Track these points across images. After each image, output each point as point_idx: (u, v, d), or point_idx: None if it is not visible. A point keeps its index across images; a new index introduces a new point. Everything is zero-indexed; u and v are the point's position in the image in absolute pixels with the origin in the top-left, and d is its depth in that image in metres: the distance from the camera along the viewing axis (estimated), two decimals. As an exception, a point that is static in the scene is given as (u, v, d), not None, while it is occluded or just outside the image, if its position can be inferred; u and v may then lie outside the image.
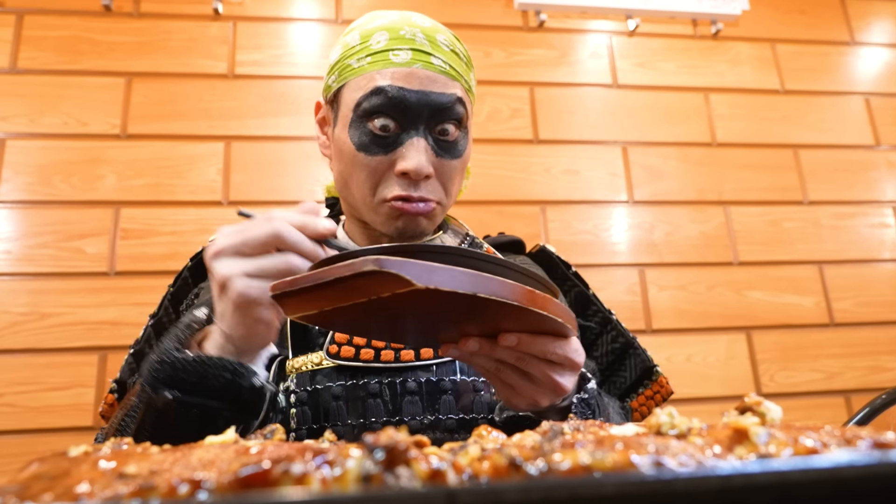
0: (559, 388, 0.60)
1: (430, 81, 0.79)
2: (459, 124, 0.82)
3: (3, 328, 1.44)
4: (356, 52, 0.82)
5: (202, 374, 0.60)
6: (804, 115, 1.91)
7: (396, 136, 0.79)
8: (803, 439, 0.28)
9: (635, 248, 1.72)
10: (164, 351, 0.62)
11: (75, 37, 1.66)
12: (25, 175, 1.54)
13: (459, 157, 0.83)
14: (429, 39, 0.81)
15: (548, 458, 0.27)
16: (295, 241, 0.59)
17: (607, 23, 1.91)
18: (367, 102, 0.79)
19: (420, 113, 0.78)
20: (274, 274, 0.58)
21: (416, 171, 0.77)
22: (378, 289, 0.45)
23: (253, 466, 0.25)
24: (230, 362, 0.61)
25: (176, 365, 0.60)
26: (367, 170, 0.80)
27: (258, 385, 0.62)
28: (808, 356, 1.69)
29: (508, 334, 0.56)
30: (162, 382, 0.61)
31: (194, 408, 0.61)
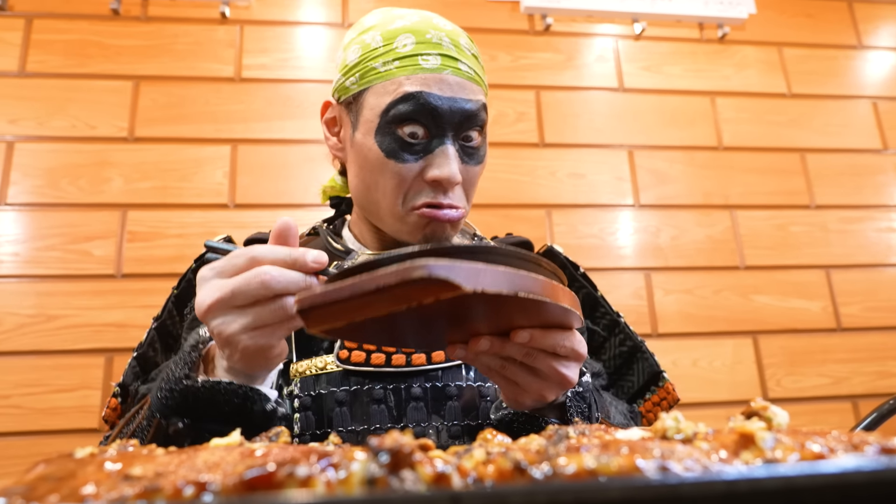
0: (565, 380, 0.59)
1: (459, 88, 0.78)
2: (481, 130, 0.81)
3: (11, 330, 1.44)
4: (380, 54, 0.80)
5: (212, 401, 0.59)
6: (811, 118, 1.90)
7: (427, 142, 0.77)
8: (810, 444, 0.28)
9: (641, 251, 1.72)
10: (173, 379, 0.61)
11: (83, 40, 1.67)
12: (33, 178, 1.55)
13: (481, 163, 0.82)
14: (454, 44, 0.80)
15: (553, 461, 0.27)
16: (286, 285, 0.56)
17: (613, 26, 1.91)
18: (397, 108, 0.76)
19: (451, 120, 0.77)
20: (271, 322, 0.57)
21: (448, 178, 0.76)
22: (421, 295, 0.42)
23: (258, 469, 0.25)
24: (240, 387, 0.60)
25: (186, 393, 0.60)
26: (398, 178, 0.77)
27: (270, 409, 0.62)
28: (816, 361, 1.69)
29: (522, 331, 0.55)
30: (171, 410, 0.60)
31: (206, 433, 0.60)
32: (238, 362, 0.60)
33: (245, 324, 0.56)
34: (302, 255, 0.57)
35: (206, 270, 0.58)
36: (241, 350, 0.57)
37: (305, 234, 0.94)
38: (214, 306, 0.56)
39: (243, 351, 0.57)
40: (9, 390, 1.41)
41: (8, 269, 1.49)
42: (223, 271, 0.57)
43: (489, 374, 0.62)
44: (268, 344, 0.58)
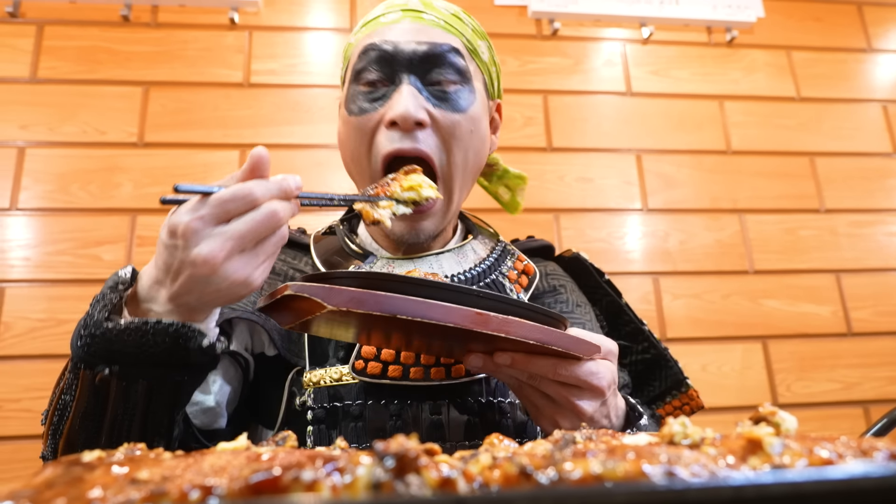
0: (578, 410, 0.59)
1: (418, 32, 0.76)
2: (461, 76, 0.76)
3: (22, 334, 1.45)
4: (356, 31, 0.82)
5: (140, 344, 0.55)
6: (820, 122, 1.89)
7: (385, 90, 0.76)
8: (818, 450, 0.28)
9: (649, 256, 1.71)
10: (92, 324, 0.55)
11: (94, 47, 1.68)
12: (45, 183, 1.56)
13: (463, 111, 0.76)
14: (423, 2, 0.79)
15: (559, 467, 0.27)
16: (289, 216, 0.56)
17: (621, 31, 1.91)
18: (359, 64, 0.77)
19: (409, 60, 0.74)
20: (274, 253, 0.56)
21: (402, 116, 0.72)
22: (309, 308, 0.51)
23: (264, 473, 0.26)
24: (171, 325, 0.55)
25: (108, 336, 0.55)
26: (360, 131, 0.76)
27: (206, 345, 0.57)
28: (826, 366, 1.67)
29: (502, 353, 0.57)
30: (97, 357, 0.55)
31: (139, 377, 0.56)
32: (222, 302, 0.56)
33: (257, 262, 0.55)
34: (288, 185, 0.56)
35: (194, 221, 0.52)
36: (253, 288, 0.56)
37: (321, 232, 0.92)
38: (229, 255, 0.52)
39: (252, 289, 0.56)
40: (19, 394, 1.42)
41: (19, 274, 1.50)
42: (216, 217, 0.53)
43: (514, 390, 0.62)
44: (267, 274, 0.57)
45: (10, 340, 1.45)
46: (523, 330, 0.52)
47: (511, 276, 0.85)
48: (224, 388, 0.77)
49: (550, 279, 0.93)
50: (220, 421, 0.77)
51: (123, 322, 0.55)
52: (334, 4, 1.80)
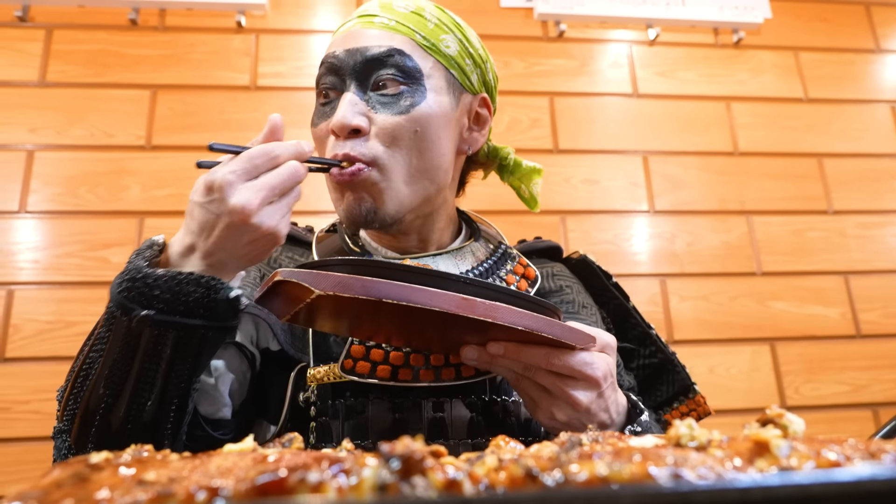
0: (573, 401, 0.59)
1: (364, 38, 0.76)
2: (406, 77, 0.75)
3: (30, 336, 1.46)
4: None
5: (175, 291, 0.59)
6: (828, 123, 1.88)
7: (335, 100, 0.77)
8: (826, 452, 0.28)
9: (656, 257, 1.71)
10: (133, 270, 0.60)
11: (102, 50, 1.69)
12: (53, 186, 1.57)
13: (405, 113, 0.74)
14: (381, 6, 0.79)
15: (565, 468, 0.27)
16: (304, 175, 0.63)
17: (627, 32, 1.91)
18: (317, 77, 0.80)
19: (352, 68, 0.75)
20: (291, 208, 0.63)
21: (337, 124, 0.73)
22: (300, 295, 0.53)
23: (270, 474, 0.26)
24: (202, 277, 0.60)
25: (147, 282, 0.59)
26: (317, 143, 0.80)
27: (232, 297, 0.61)
28: (834, 368, 1.66)
29: (495, 343, 0.57)
30: (134, 302, 0.59)
31: (170, 327, 0.59)
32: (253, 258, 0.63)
33: (284, 212, 0.62)
34: (302, 148, 0.64)
35: (229, 175, 0.59)
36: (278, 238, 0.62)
37: (324, 230, 0.93)
38: (260, 205, 0.59)
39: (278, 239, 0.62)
40: (28, 396, 1.43)
41: (28, 276, 1.51)
42: (247, 173, 0.60)
43: (511, 383, 0.63)
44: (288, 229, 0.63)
45: (18, 342, 1.46)
46: (512, 316, 0.52)
47: (509, 280, 0.84)
48: (227, 376, 0.77)
49: (556, 279, 0.92)
50: (225, 410, 0.76)
51: (161, 270, 0.60)
52: (340, 7, 1.81)
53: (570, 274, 0.97)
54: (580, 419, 0.61)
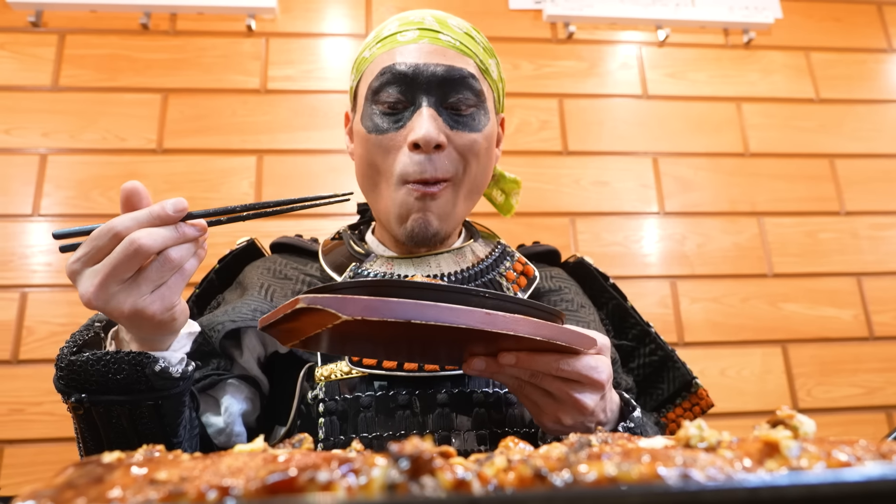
0: (580, 405, 0.59)
1: (437, 54, 0.78)
2: (477, 99, 0.79)
3: (43, 338, 1.47)
4: (369, 44, 0.84)
5: (102, 372, 0.58)
6: (840, 124, 1.87)
7: (405, 111, 0.78)
8: (837, 453, 0.27)
9: (667, 259, 1.70)
10: (60, 356, 0.61)
11: (114, 55, 1.71)
12: (66, 189, 1.58)
13: (479, 131, 0.79)
14: (438, 21, 0.81)
15: (573, 469, 0.27)
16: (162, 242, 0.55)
17: (637, 33, 1.90)
18: (375, 85, 0.79)
19: (428, 83, 0.77)
20: (166, 278, 0.57)
21: (425, 138, 0.75)
22: (321, 321, 0.51)
23: (280, 474, 0.26)
24: (127, 354, 0.58)
25: (73, 368, 0.59)
26: (380, 150, 0.78)
27: (160, 369, 0.59)
28: (847, 370, 1.65)
29: (506, 353, 0.57)
30: (69, 387, 0.60)
31: (111, 405, 0.59)
32: (148, 332, 0.59)
33: (142, 292, 0.56)
34: (162, 209, 0.56)
35: (73, 264, 0.56)
36: (149, 317, 0.56)
37: (330, 238, 0.95)
38: (100, 292, 0.55)
39: (152, 318, 0.57)
40: (41, 397, 1.44)
41: (41, 279, 1.52)
42: (90, 257, 0.55)
43: (514, 391, 0.63)
44: (171, 302, 0.58)
45: (32, 344, 1.47)
46: (530, 327, 0.53)
47: (509, 276, 0.86)
48: (237, 407, 0.80)
49: (555, 280, 0.94)
50: (236, 439, 0.80)
51: (86, 354, 0.59)
52: (350, 10, 1.82)
53: (568, 276, 0.98)
54: (584, 422, 0.61)
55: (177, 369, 0.61)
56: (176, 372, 0.61)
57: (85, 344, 0.62)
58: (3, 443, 1.41)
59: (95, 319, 0.65)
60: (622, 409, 0.69)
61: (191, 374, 0.64)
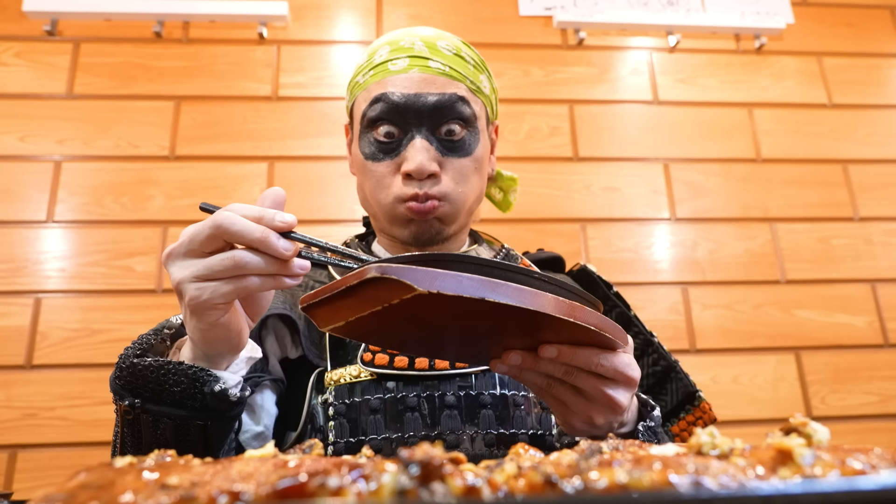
0: (613, 403, 0.57)
1: (426, 83, 0.81)
2: (466, 123, 0.83)
3: (57, 343, 1.49)
4: (362, 69, 0.86)
5: (161, 381, 0.58)
6: (853, 129, 1.86)
7: (399, 140, 0.81)
8: (851, 461, 0.27)
9: (678, 265, 1.69)
10: (123, 356, 0.61)
11: (128, 63, 1.72)
12: (79, 196, 1.60)
13: (469, 155, 0.83)
14: (428, 46, 0.83)
15: (584, 476, 0.27)
16: (239, 232, 0.54)
17: (647, 39, 1.90)
18: (370, 113, 0.82)
19: (419, 114, 0.80)
20: (221, 273, 0.54)
21: (417, 169, 0.78)
22: (387, 295, 0.46)
23: (290, 479, 0.26)
24: (189, 367, 0.58)
25: (133, 371, 0.59)
26: (376, 176, 0.82)
27: (219, 390, 0.59)
28: (862, 378, 1.63)
29: (548, 346, 0.54)
30: (124, 389, 0.60)
31: (161, 416, 0.59)
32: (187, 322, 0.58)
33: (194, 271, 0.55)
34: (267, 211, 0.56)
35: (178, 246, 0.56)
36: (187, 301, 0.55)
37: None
38: (174, 252, 0.56)
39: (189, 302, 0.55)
40: (54, 402, 1.45)
41: (55, 285, 1.53)
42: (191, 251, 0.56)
43: (539, 392, 0.60)
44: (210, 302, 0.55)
45: (46, 350, 1.48)
46: (585, 315, 0.50)
47: None
48: (271, 411, 0.82)
49: None
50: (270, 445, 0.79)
51: (148, 360, 0.59)
52: (360, 18, 1.83)
53: (572, 282, 0.98)
54: (614, 420, 0.60)
55: (234, 392, 0.61)
56: (233, 395, 0.61)
57: (150, 349, 0.62)
58: (17, 447, 1.42)
59: (165, 325, 0.66)
60: (640, 410, 0.68)
61: (245, 399, 0.64)
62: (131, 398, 0.59)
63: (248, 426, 0.79)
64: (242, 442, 0.78)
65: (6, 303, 1.51)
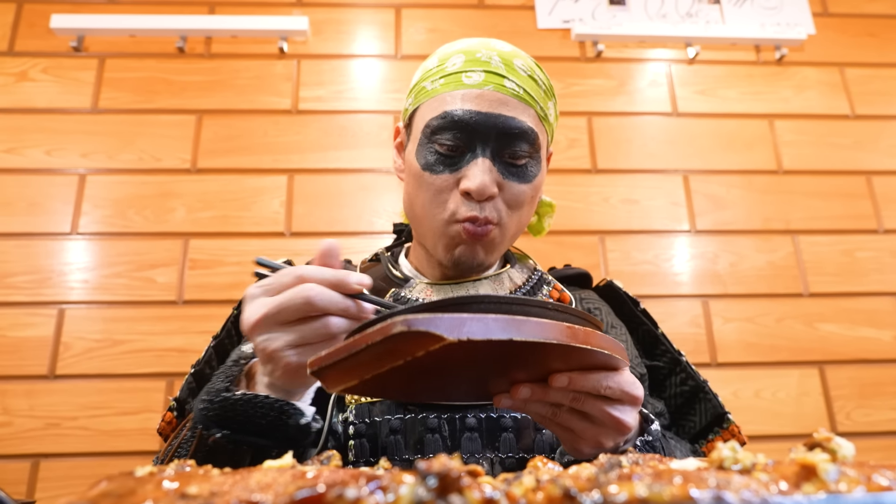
0: (621, 425, 0.57)
1: (500, 104, 0.78)
2: (532, 149, 0.80)
3: (79, 354, 1.51)
4: (432, 74, 0.83)
5: (249, 414, 0.60)
6: (877, 140, 1.83)
7: (462, 155, 0.79)
8: (877, 477, 0.27)
9: (698, 278, 1.68)
10: (213, 391, 0.62)
11: (151, 77, 1.75)
12: (103, 208, 1.62)
13: (529, 182, 0.81)
14: (504, 63, 0.81)
15: (603, 489, 0.26)
16: (328, 305, 0.57)
17: (666, 51, 1.89)
18: (435, 123, 0.79)
19: (487, 134, 0.77)
20: (314, 340, 0.58)
21: (478, 190, 0.76)
22: (412, 349, 0.44)
23: (308, 490, 0.26)
24: (276, 402, 0.61)
25: (225, 405, 0.61)
26: (432, 189, 0.79)
27: (303, 423, 0.62)
28: (888, 393, 1.60)
29: (559, 374, 0.54)
30: (211, 421, 0.62)
31: (245, 444, 0.61)
32: (279, 378, 0.61)
33: (289, 340, 0.58)
34: (346, 276, 0.59)
35: (255, 288, 0.60)
36: (283, 366, 0.59)
37: (367, 259, 0.96)
38: (260, 322, 0.58)
39: (285, 367, 0.59)
40: (76, 412, 1.47)
41: (78, 296, 1.55)
42: (270, 289, 0.59)
43: (544, 422, 0.60)
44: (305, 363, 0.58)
45: (69, 360, 1.50)
46: (598, 340, 0.50)
47: None
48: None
49: (585, 303, 0.93)
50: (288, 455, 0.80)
51: (238, 393, 0.61)
52: (380, 32, 1.84)
53: (599, 298, 0.98)
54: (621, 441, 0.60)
55: (315, 425, 0.63)
56: (315, 427, 0.63)
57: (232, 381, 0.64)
58: (39, 456, 1.44)
59: (241, 356, 0.67)
60: (641, 425, 0.66)
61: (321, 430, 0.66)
62: (219, 429, 0.61)
63: None
64: None
65: (31, 313, 1.53)
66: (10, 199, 1.62)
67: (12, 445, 1.44)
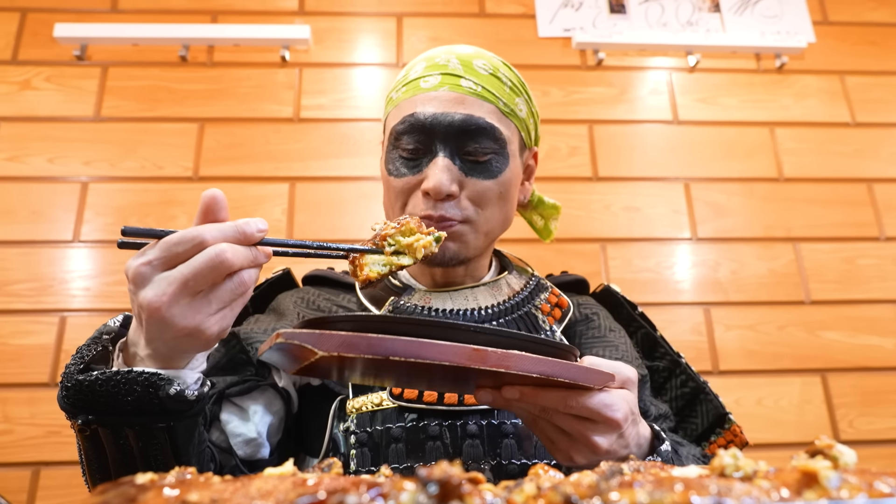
0: (592, 445, 0.58)
1: (455, 103, 0.79)
2: (495, 145, 0.80)
3: (81, 362, 1.50)
4: (398, 84, 0.86)
5: (112, 393, 0.54)
6: (877, 148, 1.83)
7: (423, 157, 0.80)
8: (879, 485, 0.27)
9: (700, 286, 1.67)
10: (66, 374, 0.57)
11: (154, 86, 1.76)
12: (105, 216, 1.63)
13: (494, 178, 0.80)
14: (463, 63, 0.82)
15: (604, 496, 0.26)
16: (242, 261, 0.53)
17: (667, 59, 1.90)
18: (398, 128, 0.81)
19: (446, 133, 0.78)
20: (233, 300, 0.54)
21: (434, 188, 0.77)
22: (304, 355, 0.50)
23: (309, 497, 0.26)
24: (140, 374, 0.55)
25: (80, 387, 0.55)
26: (395, 191, 0.82)
27: (175, 392, 0.56)
28: (891, 401, 1.60)
29: (510, 387, 0.56)
30: (75, 407, 0.56)
31: (120, 426, 0.57)
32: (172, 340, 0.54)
33: (211, 310, 0.53)
34: (245, 227, 0.54)
35: (142, 266, 0.53)
36: (207, 337, 0.54)
37: None
38: (172, 301, 0.51)
39: (208, 339, 0.54)
40: (77, 420, 1.46)
41: (80, 304, 1.56)
42: (165, 259, 0.52)
43: (527, 424, 0.62)
44: (228, 326, 0.55)
45: (70, 368, 1.50)
46: (524, 363, 0.51)
47: (544, 309, 0.87)
48: (265, 418, 0.80)
49: (583, 308, 0.94)
50: (263, 451, 0.80)
51: (95, 374, 0.55)
52: (381, 41, 1.85)
53: (596, 303, 0.98)
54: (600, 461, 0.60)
55: (192, 391, 0.58)
56: (192, 394, 0.57)
57: (93, 360, 0.59)
58: (40, 464, 1.43)
59: (104, 331, 0.61)
60: (652, 443, 0.66)
61: (206, 395, 0.61)
62: (83, 415, 0.56)
63: (238, 429, 0.77)
64: (234, 446, 0.77)
65: (32, 321, 1.53)
66: (12, 206, 1.62)
67: (13, 453, 1.44)
